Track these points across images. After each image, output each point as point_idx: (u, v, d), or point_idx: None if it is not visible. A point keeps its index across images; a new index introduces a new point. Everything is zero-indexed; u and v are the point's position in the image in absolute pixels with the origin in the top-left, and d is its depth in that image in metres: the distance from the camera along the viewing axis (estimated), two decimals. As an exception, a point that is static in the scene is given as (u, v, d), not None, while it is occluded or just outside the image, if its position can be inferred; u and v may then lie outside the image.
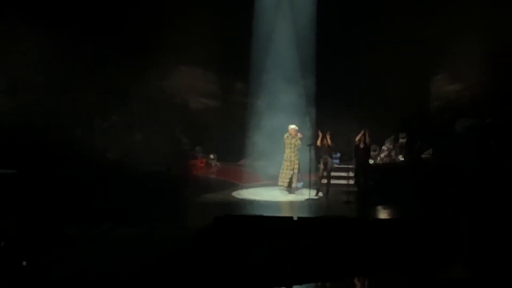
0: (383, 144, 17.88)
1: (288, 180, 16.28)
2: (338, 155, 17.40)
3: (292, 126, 16.28)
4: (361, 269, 10.18)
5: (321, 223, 11.68)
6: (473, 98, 17.02)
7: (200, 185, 16.73)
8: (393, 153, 17.64)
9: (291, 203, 15.35)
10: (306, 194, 15.61)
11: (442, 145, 16.82)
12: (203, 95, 19.99)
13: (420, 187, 14.75)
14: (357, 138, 15.47)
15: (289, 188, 16.31)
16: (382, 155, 17.65)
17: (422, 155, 17.15)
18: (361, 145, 15.43)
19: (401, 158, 17.45)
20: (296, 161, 16.25)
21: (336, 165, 16.77)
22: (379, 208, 14.14)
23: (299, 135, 16.21)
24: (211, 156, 18.84)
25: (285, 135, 16.24)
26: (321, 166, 15.58)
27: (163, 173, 16.25)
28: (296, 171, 16.30)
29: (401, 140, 17.58)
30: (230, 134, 18.71)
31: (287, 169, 16.29)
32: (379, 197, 14.96)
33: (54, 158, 14.67)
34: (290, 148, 16.20)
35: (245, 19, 18.59)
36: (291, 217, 11.84)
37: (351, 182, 15.78)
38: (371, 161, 16.37)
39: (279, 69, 18.70)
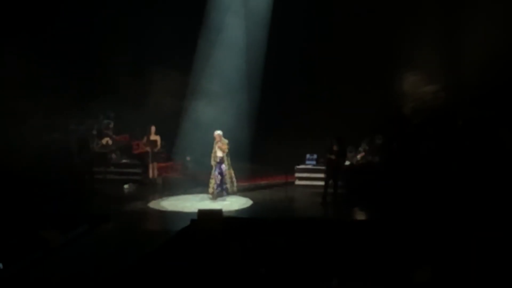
0: (359, 145, 17.91)
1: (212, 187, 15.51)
2: (315, 156, 17.37)
3: (217, 132, 15.50)
4: (336, 271, 10.26)
5: (297, 224, 11.75)
6: (448, 99, 17.08)
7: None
8: (369, 155, 17.66)
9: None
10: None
11: (418, 146, 16.92)
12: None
13: (396, 189, 14.84)
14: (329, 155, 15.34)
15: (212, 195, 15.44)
16: (358, 157, 17.67)
17: (399, 157, 17.20)
18: (332, 157, 15.23)
19: (377, 159, 17.44)
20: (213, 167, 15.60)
21: (312, 167, 16.84)
22: (356, 209, 14.30)
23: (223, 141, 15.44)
24: (188, 158, 18.50)
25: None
26: None
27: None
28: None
29: (377, 142, 17.61)
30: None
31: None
32: (356, 199, 15.05)
33: (29, 161, 14.55)
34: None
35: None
36: (267, 218, 11.88)
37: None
38: (347, 162, 16.29)
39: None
